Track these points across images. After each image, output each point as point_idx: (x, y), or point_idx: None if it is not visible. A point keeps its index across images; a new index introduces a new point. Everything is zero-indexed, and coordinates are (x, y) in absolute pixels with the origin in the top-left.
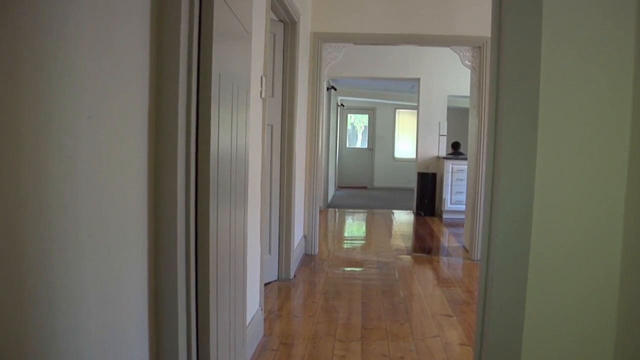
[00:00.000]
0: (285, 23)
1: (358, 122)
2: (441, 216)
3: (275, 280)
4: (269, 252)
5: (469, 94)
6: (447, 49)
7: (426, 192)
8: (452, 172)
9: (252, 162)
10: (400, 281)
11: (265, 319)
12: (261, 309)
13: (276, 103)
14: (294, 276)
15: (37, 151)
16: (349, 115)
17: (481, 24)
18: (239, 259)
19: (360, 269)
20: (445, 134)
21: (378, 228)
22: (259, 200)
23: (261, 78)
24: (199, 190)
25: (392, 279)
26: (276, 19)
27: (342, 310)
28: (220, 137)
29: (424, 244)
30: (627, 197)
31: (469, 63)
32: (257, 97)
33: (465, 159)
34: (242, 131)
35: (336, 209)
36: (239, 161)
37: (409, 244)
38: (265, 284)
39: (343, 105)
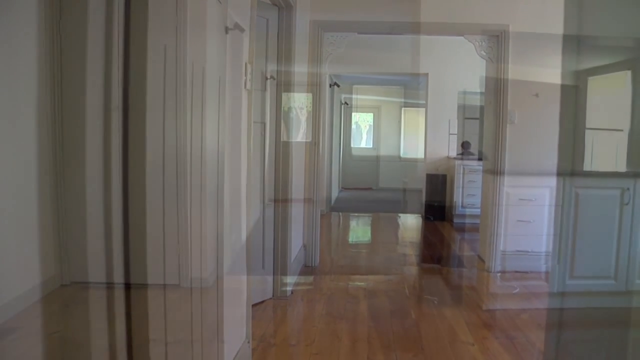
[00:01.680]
0: (279, 7)
1: (362, 121)
2: (452, 221)
3: (270, 299)
4: (262, 267)
5: (478, 90)
6: (457, 41)
7: (436, 194)
8: (463, 174)
9: (234, 163)
10: (411, 298)
11: (254, 350)
12: (248, 341)
13: (269, 98)
14: (291, 293)
15: None
16: (353, 114)
17: (499, 11)
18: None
19: (365, 283)
20: (456, 132)
21: (385, 234)
22: (245, 208)
23: (245, 65)
24: (131, 207)
25: (402, 295)
26: (269, 2)
27: (345, 336)
28: (168, 133)
29: (435, 253)
30: None
31: (485, 54)
32: (241, 88)
33: (478, 159)
34: (212, 126)
35: (340, 213)
36: (208, 163)
37: (418, 252)
38: (258, 304)
39: (347, 104)
